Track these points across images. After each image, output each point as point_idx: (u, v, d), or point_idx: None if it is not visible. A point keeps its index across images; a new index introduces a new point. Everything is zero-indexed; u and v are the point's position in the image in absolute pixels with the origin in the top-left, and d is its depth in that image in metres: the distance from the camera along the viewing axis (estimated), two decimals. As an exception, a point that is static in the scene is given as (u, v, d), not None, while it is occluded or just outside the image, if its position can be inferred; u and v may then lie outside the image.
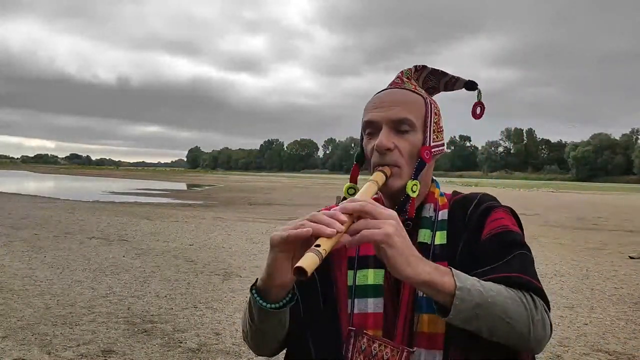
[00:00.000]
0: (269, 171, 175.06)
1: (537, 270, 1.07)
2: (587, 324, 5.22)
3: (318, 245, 0.85)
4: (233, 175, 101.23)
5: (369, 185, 1.07)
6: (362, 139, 1.21)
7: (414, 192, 1.12)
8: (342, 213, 0.91)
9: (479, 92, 1.23)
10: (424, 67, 1.26)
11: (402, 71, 1.24)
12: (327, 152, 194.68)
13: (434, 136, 1.17)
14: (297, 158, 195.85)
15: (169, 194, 31.02)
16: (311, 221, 0.91)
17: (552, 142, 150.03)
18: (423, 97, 1.17)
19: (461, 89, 1.25)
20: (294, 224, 0.92)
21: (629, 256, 9.45)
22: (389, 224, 0.90)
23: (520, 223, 1.15)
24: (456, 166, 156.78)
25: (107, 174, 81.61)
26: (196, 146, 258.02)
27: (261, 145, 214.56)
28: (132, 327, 4.72)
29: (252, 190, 36.39)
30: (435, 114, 1.18)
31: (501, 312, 0.93)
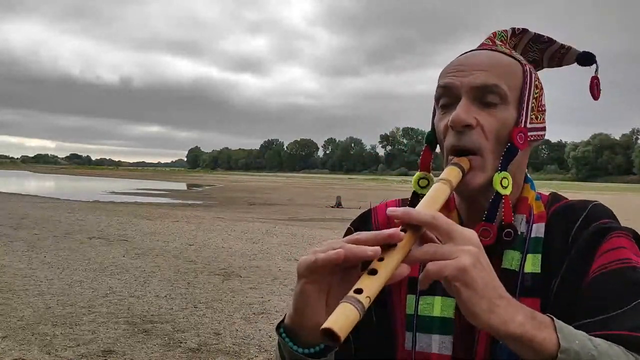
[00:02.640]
0: (269, 171, 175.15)
1: None
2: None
3: (360, 291, 0.58)
4: (233, 175, 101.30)
5: (438, 188, 0.75)
6: (434, 113, 0.89)
7: (505, 187, 0.82)
8: (400, 230, 0.64)
9: (597, 67, 0.93)
10: (525, 30, 0.95)
11: (494, 32, 0.94)
12: (327, 152, 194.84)
13: (533, 116, 0.86)
14: (297, 158, 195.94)
15: (169, 194, 31.04)
16: (350, 242, 0.64)
17: (552, 142, 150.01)
18: (521, 63, 0.87)
19: (572, 63, 0.94)
20: (327, 245, 0.66)
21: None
22: (466, 252, 0.63)
23: None
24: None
25: (107, 174, 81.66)
26: (196, 146, 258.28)
27: (261, 145, 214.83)
28: (132, 327, 4.72)
29: (252, 190, 36.42)
30: (537, 86, 0.87)
31: None
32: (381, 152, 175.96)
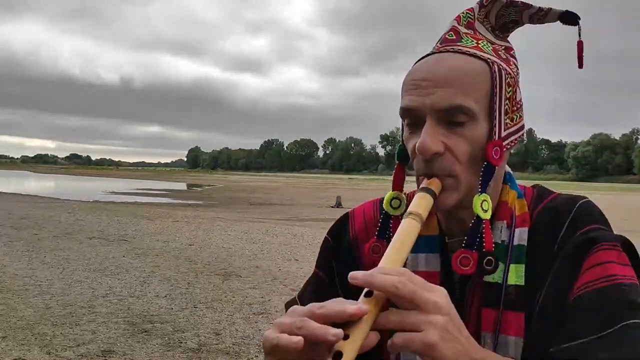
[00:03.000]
0: (269, 171, 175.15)
1: None
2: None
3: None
4: (233, 175, 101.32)
5: (407, 229, 0.70)
6: (402, 128, 0.84)
7: (486, 211, 0.77)
8: (365, 296, 0.61)
9: (580, 29, 0.85)
10: None
11: (458, 16, 0.86)
12: (327, 152, 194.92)
13: (507, 121, 0.80)
14: (297, 158, 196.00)
15: (169, 194, 31.05)
16: (314, 315, 0.60)
17: (552, 142, 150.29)
18: (488, 63, 0.79)
19: (554, 21, 0.86)
20: (290, 319, 0.61)
21: (629, 256, 9.45)
22: (433, 324, 0.59)
23: (635, 259, 0.78)
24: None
25: (107, 174, 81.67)
26: (196, 146, 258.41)
27: (261, 145, 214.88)
28: (132, 327, 4.72)
29: (252, 190, 36.43)
30: (509, 84, 0.79)
31: None
32: (381, 152, 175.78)
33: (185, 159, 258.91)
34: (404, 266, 0.73)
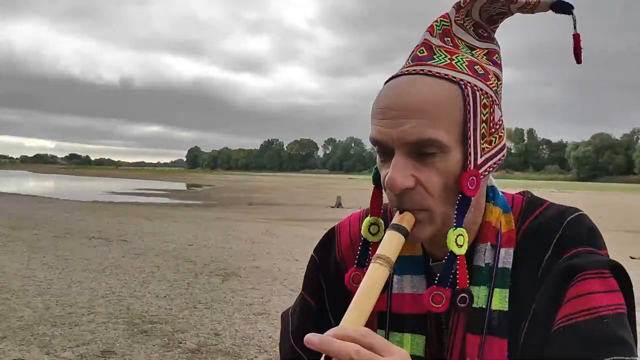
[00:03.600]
0: (269, 171, 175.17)
1: None
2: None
3: None
4: (233, 175, 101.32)
5: (373, 275, 0.68)
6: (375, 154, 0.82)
7: (461, 246, 0.73)
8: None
9: (574, 20, 0.80)
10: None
11: (431, 25, 0.81)
12: (327, 152, 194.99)
13: (485, 145, 0.75)
14: (297, 158, 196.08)
15: (168, 194, 31.05)
16: None
17: (553, 142, 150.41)
18: (460, 85, 0.74)
19: (546, 10, 0.81)
20: None
21: (629, 256, 9.44)
22: None
23: (625, 283, 0.74)
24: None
25: (107, 174, 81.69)
26: (196, 146, 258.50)
27: (261, 145, 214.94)
28: (131, 327, 4.71)
29: (252, 190, 36.43)
30: (485, 105, 0.75)
31: None
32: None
33: (185, 159, 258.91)
34: (390, 286, 0.78)
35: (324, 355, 0.58)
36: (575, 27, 0.80)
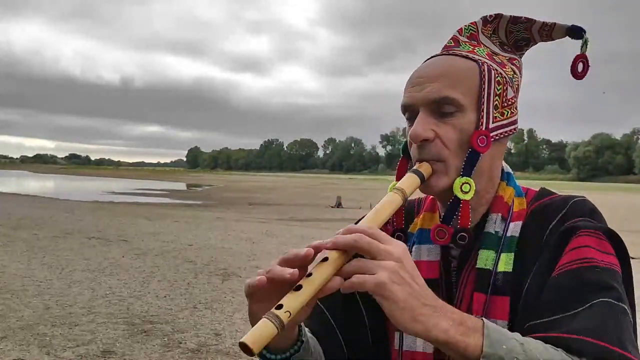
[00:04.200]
0: (269, 171, 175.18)
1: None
2: (587, 324, 5.21)
3: (280, 306, 0.65)
4: (233, 175, 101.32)
5: (388, 199, 0.80)
6: (406, 125, 0.93)
7: (466, 192, 0.84)
8: (334, 249, 0.70)
9: (585, 42, 0.90)
10: (499, 15, 0.93)
11: (460, 28, 0.95)
12: (327, 152, 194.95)
13: (496, 114, 0.87)
14: (297, 158, 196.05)
15: (168, 194, 31.05)
16: (281, 261, 0.71)
17: (553, 141, 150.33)
18: (478, 63, 0.87)
19: (562, 37, 0.92)
20: (272, 265, 0.72)
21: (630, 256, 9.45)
22: (383, 267, 0.68)
23: (621, 250, 0.83)
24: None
25: (107, 174, 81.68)
26: (196, 146, 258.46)
27: (261, 145, 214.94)
28: (131, 327, 4.71)
29: (252, 190, 36.42)
30: (499, 82, 0.87)
31: None
32: (381, 152, 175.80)
33: (185, 159, 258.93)
34: (411, 250, 0.89)
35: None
36: (583, 48, 0.91)
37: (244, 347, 0.62)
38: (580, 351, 0.70)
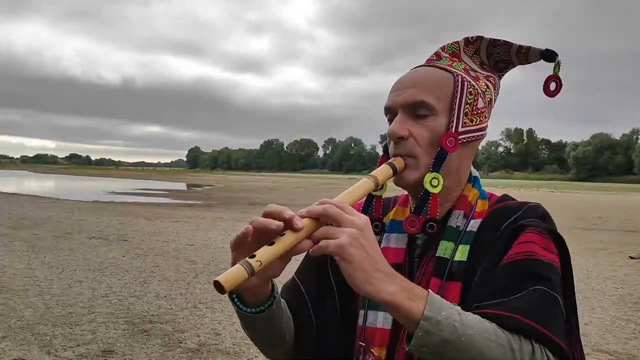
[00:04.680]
0: (269, 171, 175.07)
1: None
2: (587, 324, 5.22)
3: (253, 256, 0.75)
4: (233, 175, 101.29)
5: (362, 182, 0.91)
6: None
7: (435, 186, 0.95)
8: (307, 217, 0.80)
9: (557, 64, 1.01)
10: (480, 37, 1.04)
11: (443, 46, 1.05)
12: (327, 152, 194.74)
13: (466, 120, 0.97)
14: (297, 158, 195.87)
15: (169, 194, 31.02)
16: (266, 213, 0.81)
17: (553, 142, 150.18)
18: (453, 74, 0.98)
19: (538, 60, 1.03)
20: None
21: (629, 256, 9.44)
22: (345, 233, 0.77)
23: (563, 251, 0.93)
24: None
25: (107, 174, 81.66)
26: (196, 146, 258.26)
27: (261, 145, 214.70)
28: (132, 327, 4.71)
29: (252, 190, 36.41)
30: (470, 93, 0.97)
31: (477, 355, 0.76)
32: (381, 152, 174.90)
33: (185, 159, 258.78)
34: (380, 242, 1.02)
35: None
36: (556, 70, 1.01)
37: (218, 285, 0.71)
38: (512, 327, 0.80)
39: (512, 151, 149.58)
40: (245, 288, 0.88)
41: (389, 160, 0.96)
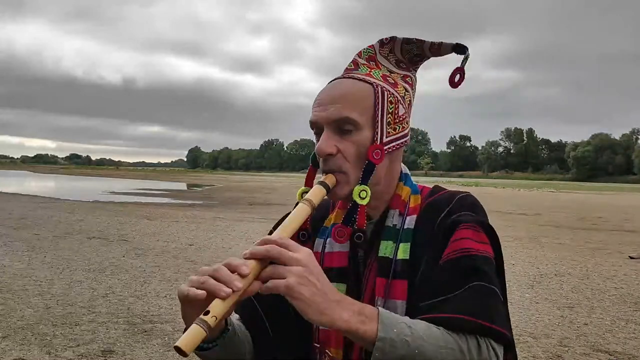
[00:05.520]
0: (269, 171, 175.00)
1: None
2: (587, 324, 5.22)
3: (207, 312, 0.76)
4: (233, 175, 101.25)
5: (298, 209, 0.93)
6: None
7: (363, 198, 0.98)
8: (252, 258, 0.82)
9: (465, 58, 1.05)
10: (393, 38, 1.08)
11: (360, 51, 1.08)
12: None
13: (389, 129, 1.01)
14: (297, 158, 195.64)
15: (169, 194, 31.02)
16: (212, 276, 0.80)
17: (552, 142, 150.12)
18: (373, 85, 1.01)
19: (449, 53, 1.07)
20: (202, 273, 0.82)
21: (629, 256, 9.44)
22: (292, 272, 0.80)
23: (494, 240, 0.99)
24: (456, 166, 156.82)
25: (107, 174, 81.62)
26: (196, 146, 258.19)
27: (261, 145, 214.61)
28: (132, 327, 4.71)
29: (252, 190, 36.39)
30: (391, 102, 1.01)
31: None
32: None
33: (185, 159, 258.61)
34: (323, 247, 1.08)
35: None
36: (463, 63, 1.05)
37: (178, 350, 0.73)
38: (458, 327, 0.84)
39: (512, 151, 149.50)
40: None
41: (321, 179, 0.99)
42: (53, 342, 4.26)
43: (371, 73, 1.04)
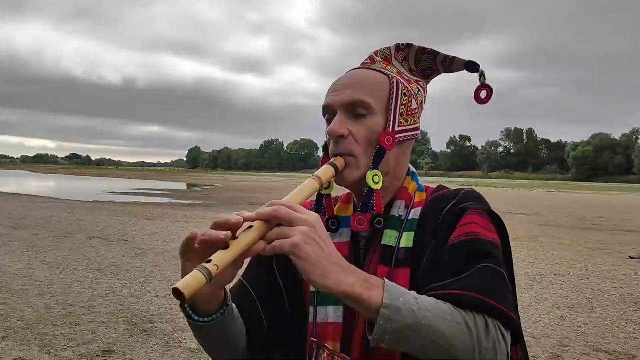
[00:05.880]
0: (269, 171, 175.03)
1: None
2: (587, 324, 5.22)
3: (210, 261, 0.74)
4: (233, 175, 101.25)
5: (307, 183, 0.92)
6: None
7: (377, 183, 0.98)
8: (258, 219, 0.81)
9: (482, 74, 1.05)
10: (409, 45, 1.10)
11: (377, 51, 1.11)
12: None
13: (402, 120, 1.02)
14: (297, 158, 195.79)
15: (169, 194, 31.01)
16: (215, 225, 0.80)
17: (552, 142, 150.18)
18: (388, 76, 1.03)
19: (461, 70, 1.08)
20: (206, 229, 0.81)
21: (629, 256, 9.44)
22: (299, 231, 0.78)
23: (501, 230, 0.98)
24: (456, 166, 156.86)
25: (107, 174, 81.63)
26: (196, 146, 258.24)
27: (261, 145, 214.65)
28: (132, 327, 4.71)
29: (252, 190, 36.39)
30: (405, 94, 1.02)
31: (437, 336, 0.79)
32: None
33: (186, 159, 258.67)
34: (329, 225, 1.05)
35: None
36: (482, 79, 1.05)
37: (176, 292, 0.69)
38: (465, 304, 0.83)
39: (512, 151, 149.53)
40: (199, 297, 0.87)
41: (330, 161, 0.99)
42: (53, 342, 4.26)
43: (387, 68, 1.06)
